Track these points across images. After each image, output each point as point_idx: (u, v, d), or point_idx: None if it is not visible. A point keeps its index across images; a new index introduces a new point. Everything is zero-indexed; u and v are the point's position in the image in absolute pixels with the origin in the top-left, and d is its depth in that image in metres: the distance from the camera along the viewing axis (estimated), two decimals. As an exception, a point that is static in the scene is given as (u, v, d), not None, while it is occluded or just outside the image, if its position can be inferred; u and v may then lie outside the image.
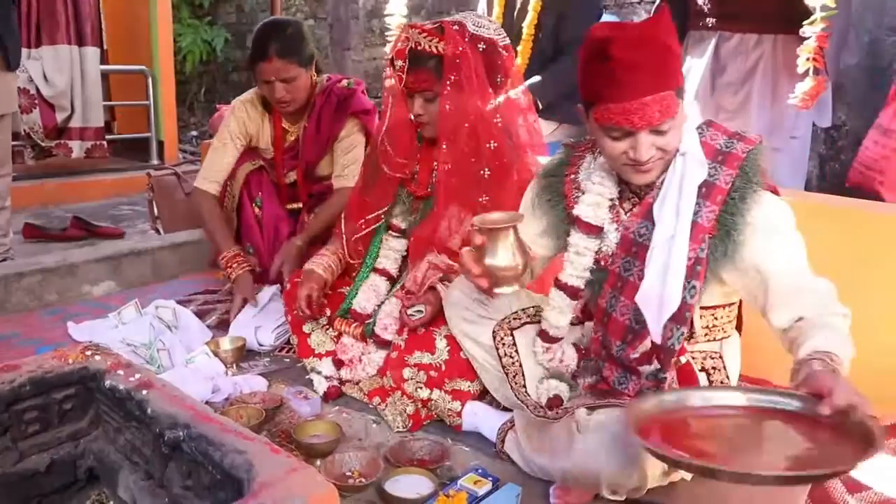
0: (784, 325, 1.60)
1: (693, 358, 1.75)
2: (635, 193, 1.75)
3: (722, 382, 1.76)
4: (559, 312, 1.86)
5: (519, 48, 3.53)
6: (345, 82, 2.99)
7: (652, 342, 1.68)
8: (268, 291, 2.80)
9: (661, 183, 1.67)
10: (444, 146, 2.22)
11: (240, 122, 2.98)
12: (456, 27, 2.18)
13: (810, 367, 1.41)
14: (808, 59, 2.49)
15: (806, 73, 2.52)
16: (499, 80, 2.25)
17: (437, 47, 2.16)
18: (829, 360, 1.43)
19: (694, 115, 1.68)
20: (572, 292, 1.83)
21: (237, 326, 2.65)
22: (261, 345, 2.61)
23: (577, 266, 1.80)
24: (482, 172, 2.22)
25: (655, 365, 1.70)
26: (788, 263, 1.62)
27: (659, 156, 1.60)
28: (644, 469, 1.57)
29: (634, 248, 1.70)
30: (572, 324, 1.92)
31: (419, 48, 2.16)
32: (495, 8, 3.62)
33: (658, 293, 1.62)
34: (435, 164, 2.31)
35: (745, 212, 1.61)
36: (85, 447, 1.62)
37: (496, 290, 1.71)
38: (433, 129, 2.25)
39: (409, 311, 2.16)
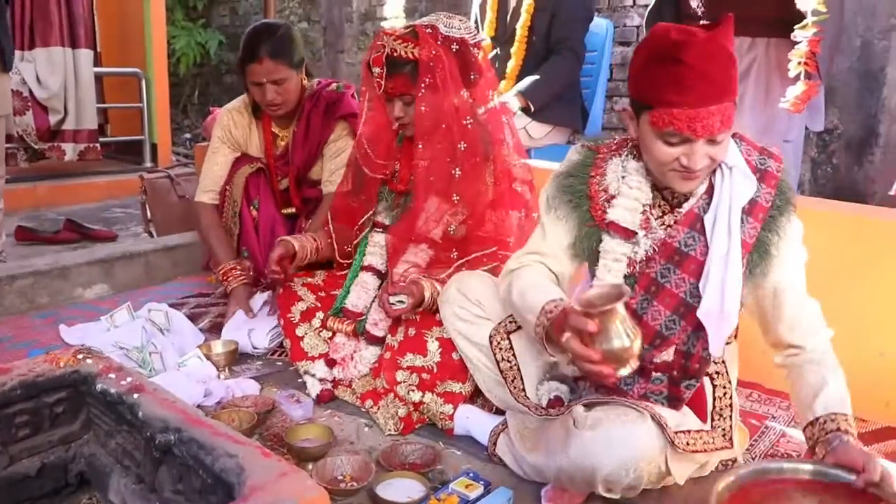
0: (789, 341, 1.73)
1: None
2: (666, 200, 1.74)
3: (724, 388, 1.77)
4: None
5: (513, 49, 3.54)
6: (334, 86, 2.99)
7: (675, 352, 1.71)
8: (261, 297, 2.80)
9: (703, 194, 1.69)
10: (420, 146, 2.26)
11: (225, 130, 3.00)
12: (429, 30, 2.22)
13: (839, 440, 1.57)
14: (799, 63, 2.50)
15: (798, 77, 2.53)
16: (472, 77, 2.28)
17: (412, 52, 2.19)
18: (848, 426, 1.60)
19: None
20: None
21: (230, 330, 2.65)
22: (255, 347, 2.61)
23: (614, 272, 1.74)
24: (454, 171, 2.26)
25: (664, 373, 1.72)
26: (800, 282, 1.72)
27: (708, 164, 1.59)
28: (641, 468, 1.57)
29: (677, 257, 1.68)
30: None
31: (395, 54, 2.20)
32: (488, 12, 3.64)
33: (718, 310, 1.64)
34: (415, 161, 2.34)
35: (779, 230, 1.66)
36: (76, 451, 1.61)
37: (619, 374, 1.54)
38: (413, 128, 2.28)
39: (391, 300, 2.16)
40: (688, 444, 1.67)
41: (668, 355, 1.71)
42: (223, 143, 3.01)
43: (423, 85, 2.19)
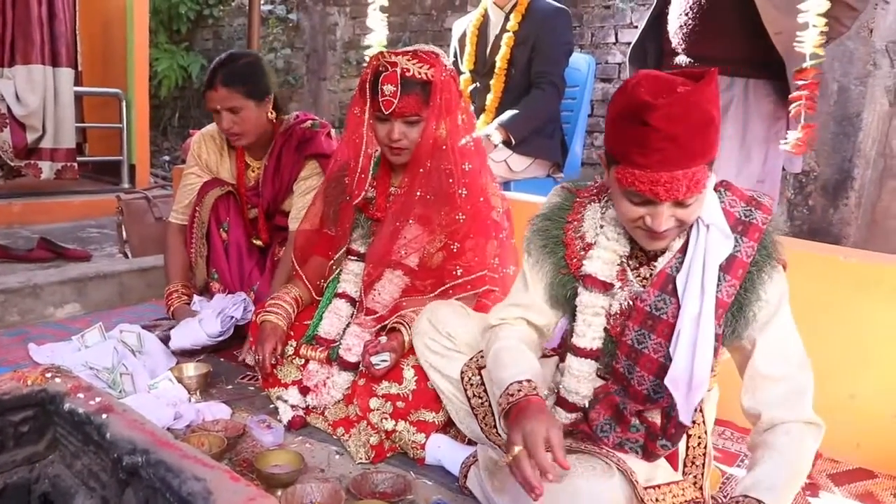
0: (747, 408, 1.60)
1: None
2: (644, 252, 1.66)
3: (700, 437, 1.71)
4: (581, 380, 1.71)
5: (492, 82, 3.57)
6: (309, 123, 2.97)
7: (661, 413, 1.61)
8: (197, 299, 2.91)
9: (678, 251, 1.60)
10: (420, 169, 2.26)
11: (194, 155, 3.03)
12: (433, 55, 2.25)
13: None
14: (799, 107, 2.53)
15: (797, 120, 2.55)
16: (461, 106, 2.33)
17: (427, 73, 2.20)
18: None
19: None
20: (594, 355, 1.70)
21: (179, 333, 2.70)
22: (209, 335, 2.66)
23: (595, 327, 1.68)
24: (429, 197, 2.27)
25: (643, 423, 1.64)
26: (776, 350, 1.58)
27: (676, 225, 1.50)
28: None
29: (650, 322, 1.59)
30: (545, 355, 1.89)
31: (408, 74, 2.19)
32: (467, 45, 3.67)
33: (688, 375, 1.53)
34: (392, 188, 2.39)
35: (759, 287, 1.55)
36: (40, 472, 1.58)
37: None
38: (409, 153, 2.27)
39: (374, 361, 2.14)
40: (657, 500, 1.60)
41: (654, 416, 1.62)
42: (194, 166, 3.03)
43: (434, 106, 2.21)
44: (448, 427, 2.12)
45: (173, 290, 2.96)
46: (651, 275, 1.63)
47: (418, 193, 2.27)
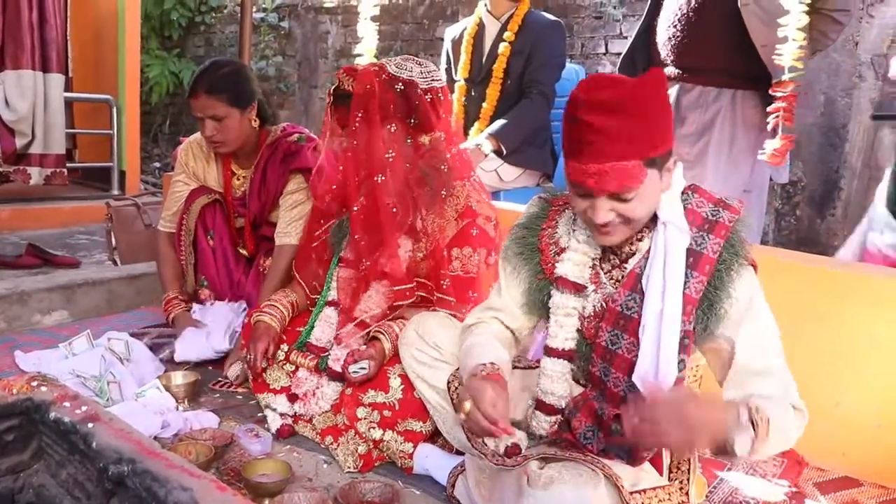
0: (731, 398, 1.57)
1: None
2: (616, 255, 1.69)
3: None
4: (556, 380, 1.73)
5: (487, 91, 3.58)
6: (295, 136, 2.96)
7: None
8: (198, 308, 2.89)
9: (646, 251, 1.63)
10: (355, 179, 2.30)
11: (181, 162, 3.03)
12: (375, 68, 2.27)
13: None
14: (777, 118, 2.55)
15: (772, 130, 2.58)
16: (412, 122, 2.29)
17: (351, 85, 2.25)
18: (755, 408, 1.44)
19: (678, 180, 1.61)
20: (567, 356, 1.72)
21: (185, 344, 2.68)
22: (217, 351, 2.65)
23: (567, 328, 1.71)
24: (392, 206, 2.27)
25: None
26: (756, 345, 1.59)
27: (620, 221, 1.54)
28: None
29: (622, 321, 1.63)
30: (530, 367, 1.91)
31: (341, 88, 2.28)
32: (462, 54, 3.68)
33: (654, 370, 1.56)
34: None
35: (728, 284, 1.57)
36: (25, 481, 1.58)
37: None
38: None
39: (352, 369, 2.15)
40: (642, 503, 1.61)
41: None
42: (181, 174, 3.03)
43: (355, 119, 2.23)
44: (436, 436, 2.12)
45: (172, 297, 2.94)
46: (623, 276, 1.67)
47: (364, 205, 2.30)
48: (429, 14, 6.56)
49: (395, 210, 2.26)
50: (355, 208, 2.31)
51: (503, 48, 3.53)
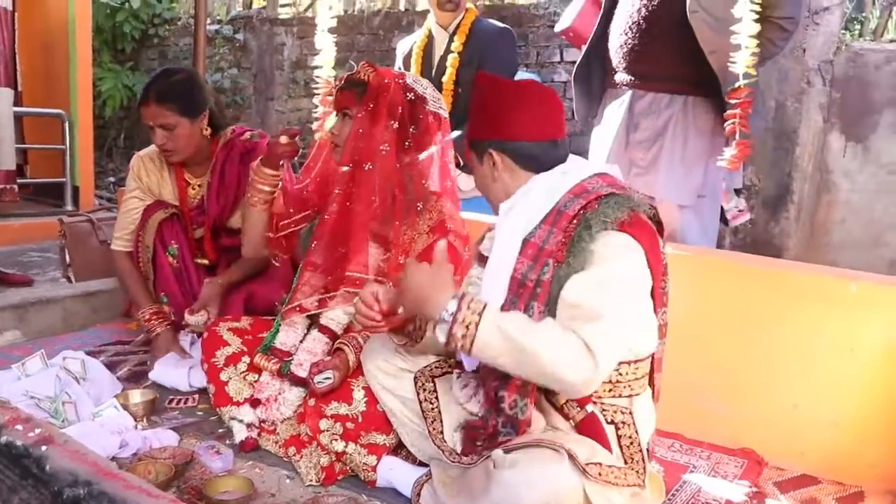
0: None
1: (604, 410, 1.75)
2: None
3: (630, 437, 1.76)
4: None
5: None
6: (248, 135, 2.96)
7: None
8: (186, 337, 2.79)
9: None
10: (343, 168, 2.34)
11: (134, 177, 2.99)
12: (396, 71, 2.36)
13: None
14: (733, 125, 2.60)
15: (728, 135, 2.62)
16: (412, 130, 2.32)
17: (368, 75, 2.29)
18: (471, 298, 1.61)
19: (586, 166, 1.83)
20: None
21: (164, 370, 2.64)
22: (191, 386, 2.61)
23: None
24: (374, 207, 2.30)
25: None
26: (587, 284, 1.63)
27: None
28: None
29: (520, 290, 1.72)
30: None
31: (356, 75, 2.31)
32: (412, 66, 3.66)
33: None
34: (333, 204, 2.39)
35: (589, 241, 1.64)
36: (-25, 508, 1.53)
37: None
38: (341, 151, 2.31)
39: (317, 379, 2.14)
40: (600, 474, 1.65)
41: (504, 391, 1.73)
42: (135, 189, 2.99)
43: (365, 107, 2.27)
44: (399, 449, 2.11)
45: (153, 313, 2.86)
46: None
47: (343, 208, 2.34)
48: (384, 25, 6.57)
49: (373, 199, 2.29)
50: (330, 209, 2.36)
51: (451, 59, 3.53)
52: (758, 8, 2.50)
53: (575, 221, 1.67)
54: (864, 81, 4.24)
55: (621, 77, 2.96)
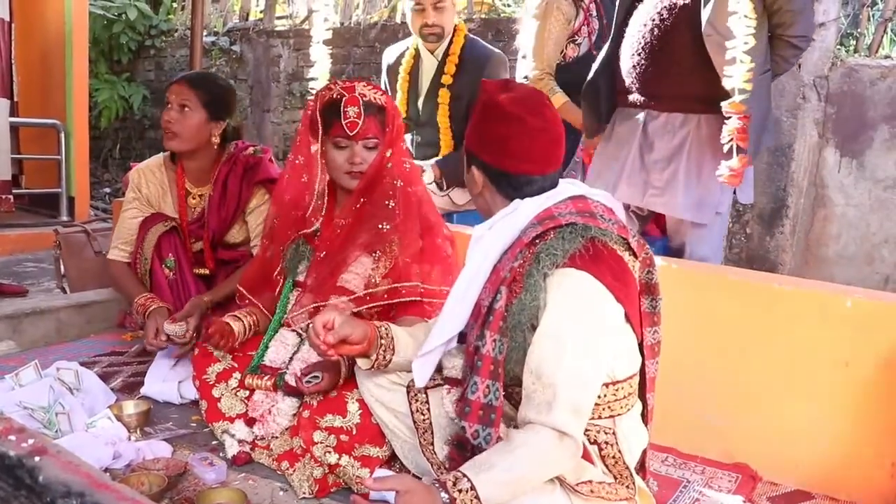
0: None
1: (586, 430, 1.71)
2: None
3: (615, 457, 1.74)
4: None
5: (440, 140, 3.49)
6: (251, 150, 2.99)
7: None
8: (165, 360, 2.76)
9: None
10: (361, 199, 2.35)
11: (134, 188, 3.00)
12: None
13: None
14: (731, 139, 2.60)
15: (731, 152, 2.62)
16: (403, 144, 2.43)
17: (381, 100, 2.32)
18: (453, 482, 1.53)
19: (565, 190, 1.77)
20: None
21: (154, 379, 2.62)
22: (182, 398, 2.59)
23: None
24: (383, 225, 2.34)
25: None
26: (535, 347, 1.63)
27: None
28: None
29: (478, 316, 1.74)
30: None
31: (366, 98, 2.29)
32: (399, 92, 3.57)
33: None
34: (340, 220, 2.40)
35: (538, 277, 1.62)
36: (-33, 519, 1.53)
37: None
38: (361, 177, 2.32)
39: (306, 379, 2.15)
40: (591, 491, 1.65)
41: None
42: (134, 200, 2.99)
43: (388, 131, 2.31)
44: (392, 461, 2.11)
45: (147, 298, 2.80)
46: None
47: (350, 223, 2.35)
48: (380, 37, 6.59)
49: (381, 226, 2.32)
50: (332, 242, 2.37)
51: (442, 95, 3.42)
52: (754, 24, 2.51)
53: (531, 250, 1.65)
54: (859, 97, 4.25)
55: (634, 97, 2.93)
